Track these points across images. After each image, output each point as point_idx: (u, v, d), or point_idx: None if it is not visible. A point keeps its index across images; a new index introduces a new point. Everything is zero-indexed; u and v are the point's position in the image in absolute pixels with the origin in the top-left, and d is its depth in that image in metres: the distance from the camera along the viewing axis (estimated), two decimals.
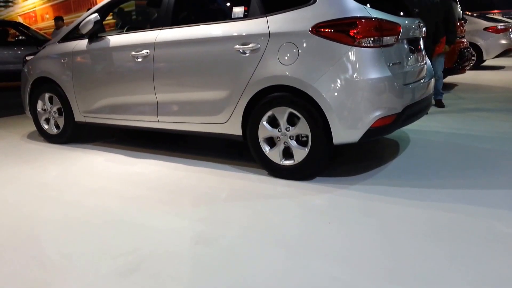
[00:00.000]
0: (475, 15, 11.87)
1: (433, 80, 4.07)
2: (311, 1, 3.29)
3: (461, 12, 8.64)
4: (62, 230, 2.75)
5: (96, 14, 4.23)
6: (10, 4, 12.54)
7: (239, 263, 2.29)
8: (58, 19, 9.79)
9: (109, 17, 4.99)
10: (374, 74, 3.18)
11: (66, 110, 4.61)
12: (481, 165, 3.74)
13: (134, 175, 3.76)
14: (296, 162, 3.40)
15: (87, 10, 7.16)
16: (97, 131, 5.18)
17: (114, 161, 4.16)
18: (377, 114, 3.19)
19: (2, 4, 12.88)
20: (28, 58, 4.96)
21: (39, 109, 4.84)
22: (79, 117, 4.54)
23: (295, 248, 2.42)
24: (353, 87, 3.17)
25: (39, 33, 10.33)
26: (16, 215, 3.01)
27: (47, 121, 4.83)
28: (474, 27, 10.24)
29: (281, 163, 3.46)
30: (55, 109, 4.71)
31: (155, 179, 3.64)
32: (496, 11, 24.45)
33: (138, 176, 3.72)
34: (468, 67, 8.11)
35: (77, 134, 4.76)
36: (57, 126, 4.77)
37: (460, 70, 7.67)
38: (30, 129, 5.33)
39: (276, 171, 3.51)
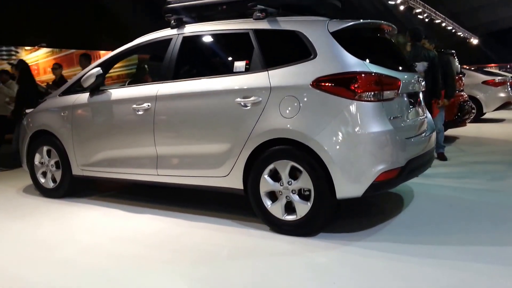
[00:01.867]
0: (472, 68, 12.11)
1: (434, 134, 4.04)
2: (312, 56, 3.32)
3: (459, 66, 8.80)
4: None
5: (98, 68, 4.26)
6: (13, 57, 12.85)
7: None
8: (1, 73, 8.20)
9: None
10: (375, 127, 3.16)
11: (63, 163, 4.54)
12: (486, 219, 3.65)
13: (132, 231, 3.64)
14: (298, 217, 3.30)
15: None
16: (95, 184, 5.10)
17: (111, 217, 4.04)
18: (381, 168, 3.14)
19: (5, 57, 13.22)
20: (28, 111, 4.96)
21: (36, 162, 4.77)
22: (76, 170, 4.47)
23: None
24: (355, 140, 3.14)
25: (40, 86, 10.42)
26: (5, 276, 2.87)
27: (44, 174, 4.75)
28: (472, 80, 10.39)
29: (283, 218, 3.36)
30: (52, 162, 4.65)
31: (154, 235, 3.52)
32: (493, 65, 25.09)
33: (137, 233, 3.60)
34: (469, 120, 8.15)
35: (74, 188, 4.67)
36: (53, 180, 4.68)
37: (460, 123, 7.70)
38: (27, 182, 5.24)
39: (278, 227, 3.40)
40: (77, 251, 3.23)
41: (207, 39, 4.13)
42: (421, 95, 3.96)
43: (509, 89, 10.75)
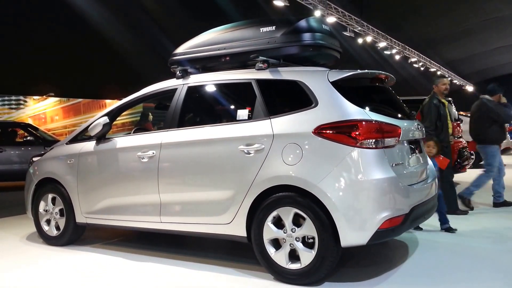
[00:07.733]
0: (469, 115, 12.22)
1: (436, 181, 4.07)
2: (313, 105, 3.41)
3: (456, 112, 8.92)
4: None
5: (105, 117, 4.36)
6: (22, 106, 13.16)
7: None
8: None
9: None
10: (378, 174, 3.19)
11: (67, 211, 4.55)
12: (493, 267, 3.62)
13: (130, 281, 3.60)
14: (303, 265, 3.27)
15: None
16: (98, 231, 5.07)
17: (111, 266, 3.99)
18: (385, 215, 3.14)
19: (14, 106, 13.52)
20: (35, 159, 5.02)
21: (41, 210, 4.77)
22: (80, 218, 4.47)
23: None
24: (358, 187, 3.16)
25: (47, 134, 10.55)
26: None
27: (48, 222, 4.74)
28: None
29: (287, 266, 3.33)
30: (57, 209, 4.65)
31: (153, 284, 3.47)
32: None
33: (136, 282, 3.55)
34: (469, 166, 8.18)
35: (77, 235, 4.65)
36: (57, 228, 4.66)
37: (460, 169, 7.73)
38: (30, 230, 5.22)
39: (282, 275, 3.37)
40: None
41: (211, 88, 4.25)
42: (421, 143, 4.03)
43: (508, 135, 10.83)
